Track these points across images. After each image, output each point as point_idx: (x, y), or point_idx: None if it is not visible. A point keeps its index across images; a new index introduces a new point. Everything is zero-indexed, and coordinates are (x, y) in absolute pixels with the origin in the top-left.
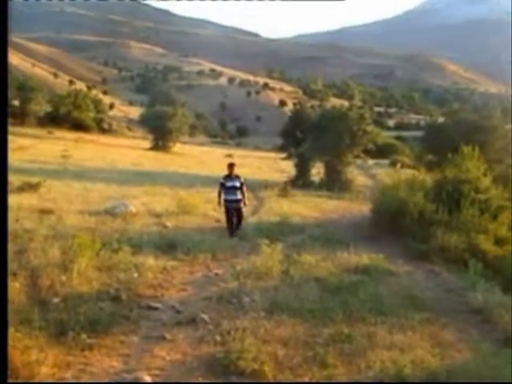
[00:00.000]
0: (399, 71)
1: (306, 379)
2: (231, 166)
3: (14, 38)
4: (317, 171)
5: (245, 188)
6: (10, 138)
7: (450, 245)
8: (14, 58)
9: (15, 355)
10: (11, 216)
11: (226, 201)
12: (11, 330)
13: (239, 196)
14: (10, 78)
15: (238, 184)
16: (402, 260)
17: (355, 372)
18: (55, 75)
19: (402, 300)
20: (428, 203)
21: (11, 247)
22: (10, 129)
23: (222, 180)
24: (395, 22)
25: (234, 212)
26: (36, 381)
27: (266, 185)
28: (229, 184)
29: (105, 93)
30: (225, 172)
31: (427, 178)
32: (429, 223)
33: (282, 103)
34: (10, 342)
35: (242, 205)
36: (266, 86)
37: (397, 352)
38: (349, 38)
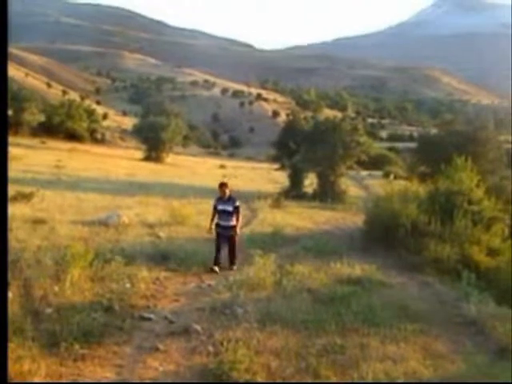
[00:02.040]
0: (392, 82)
1: None
2: (222, 186)
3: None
4: (310, 182)
5: (240, 214)
6: None
7: (443, 256)
8: (8, 68)
9: (8, 365)
10: None
11: (217, 225)
12: None
13: (232, 222)
14: None
15: (230, 208)
16: (395, 271)
17: (348, 383)
18: (49, 85)
19: (394, 311)
20: (421, 214)
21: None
22: None
23: (215, 202)
24: (388, 33)
25: (225, 240)
26: (36, 381)
27: (259, 195)
28: (220, 207)
29: (98, 103)
30: (219, 182)
31: (420, 190)
32: (422, 234)
33: (275, 114)
34: None
35: (233, 233)
36: (259, 96)
37: (390, 363)
38: (342, 49)
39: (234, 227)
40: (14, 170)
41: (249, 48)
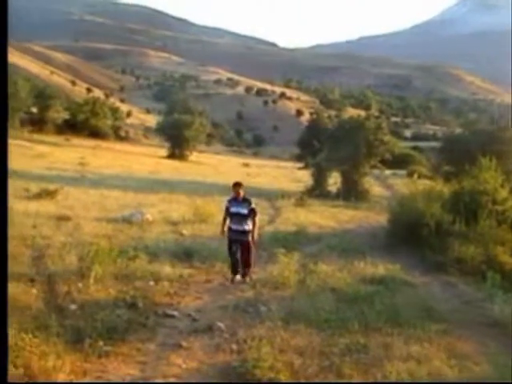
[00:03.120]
0: (417, 81)
1: None
2: (236, 186)
3: (33, 46)
4: (333, 181)
5: (258, 216)
6: (29, 145)
7: (467, 256)
8: (33, 66)
9: (33, 360)
10: (29, 222)
11: (229, 230)
12: (29, 336)
13: (247, 226)
14: (30, 86)
15: (245, 211)
16: (419, 271)
17: (371, 383)
18: (73, 83)
19: (418, 311)
20: (445, 214)
21: (29, 253)
22: (29, 136)
23: (227, 203)
24: (413, 32)
25: (238, 246)
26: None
27: (283, 194)
28: (233, 209)
29: (122, 101)
30: (242, 181)
31: (444, 189)
32: (446, 234)
33: (299, 113)
34: (28, 347)
35: (249, 238)
36: (283, 95)
37: (413, 363)
38: (366, 48)
39: (248, 232)
40: (38, 167)
41: (273, 46)
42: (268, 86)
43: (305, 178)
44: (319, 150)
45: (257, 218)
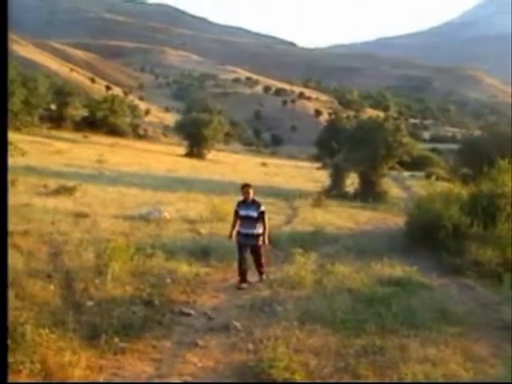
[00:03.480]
0: (436, 83)
1: None
2: (246, 187)
3: (53, 43)
4: (351, 182)
5: (267, 219)
6: (48, 141)
7: (484, 259)
8: (53, 63)
9: (49, 356)
10: (47, 219)
11: (238, 234)
12: (46, 332)
13: (257, 229)
14: (49, 83)
15: (254, 214)
16: (436, 273)
17: (386, 383)
18: (92, 80)
19: (435, 313)
20: (463, 216)
21: (47, 250)
22: (48, 132)
23: (236, 207)
24: (432, 33)
25: (248, 251)
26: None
27: (301, 194)
28: (242, 212)
29: (141, 99)
30: (260, 180)
31: (462, 192)
32: (463, 237)
33: (318, 113)
34: (45, 343)
35: (260, 242)
36: (301, 95)
37: (429, 366)
38: (385, 48)
39: (258, 236)
40: (56, 163)
41: (292, 46)
42: (287, 86)
43: (322, 178)
44: (337, 151)
45: (267, 222)
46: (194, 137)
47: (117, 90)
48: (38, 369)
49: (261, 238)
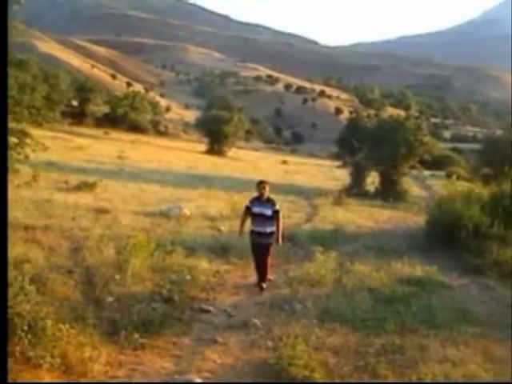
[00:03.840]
0: (457, 82)
1: None
2: (262, 183)
3: (75, 39)
4: (372, 180)
5: (281, 219)
6: (69, 137)
7: (505, 259)
8: (75, 60)
9: (69, 351)
10: (68, 214)
11: (251, 233)
12: (66, 327)
13: (270, 228)
14: (71, 79)
15: (269, 212)
16: (456, 273)
17: (405, 382)
18: (114, 77)
19: (455, 313)
20: (484, 216)
21: (67, 245)
22: (69, 128)
23: (248, 203)
24: (454, 32)
25: (262, 249)
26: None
27: (321, 192)
28: (256, 210)
29: (162, 95)
30: (280, 178)
31: (483, 192)
32: (484, 237)
33: (338, 111)
34: (65, 338)
35: (272, 241)
36: (322, 93)
37: (449, 366)
38: (406, 47)
39: (271, 235)
40: (77, 159)
41: (313, 44)
42: (307, 84)
43: (343, 176)
44: (358, 149)
45: (281, 221)
46: (215, 134)
47: (138, 87)
48: (58, 363)
49: (273, 237)
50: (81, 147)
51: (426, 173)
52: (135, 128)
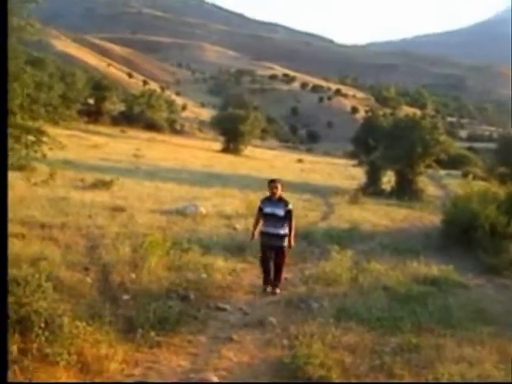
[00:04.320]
0: (472, 81)
1: None
2: (274, 182)
3: (91, 38)
4: (387, 179)
5: (294, 219)
6: (85, 135)
7: None
8: (91, 58)
9: (86, 348)
10: (84, 212)
11: (262, 234)
12: (83, 324)
13: (283, 230)
14: (87, 78)
15: (281, 212)
16: (472, 273)
17: (422, 382)
18: (130, 75)
19: (471, 313)
20: (500, 216)
21: (84, 243)
22: (85, 127)
23: (260, 203)
24: (470, 31)
25: (272, 253)
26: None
27: (337, 191)
28: (267, 210)
29: (178, 94)
30: (296, 177)
31: (500, 191)
32: (500, 236)
33: (354, 110)
34: (81, 335)
35: (285, 243)
36: (338, 92)
37: (465, 365)
38: (422, 46)
39: (284, 237)
40: (94, 157)
41: (329, 43)
42: (323, 83)
43: (359, 175)
44: (374, 148)
45: (293, 222)
46: (231, 132)
47: (154, 85)
48: (75, 360)
49: (286, 239)
50: (97, 145)
51: (442, 172)
52: (151, 126)
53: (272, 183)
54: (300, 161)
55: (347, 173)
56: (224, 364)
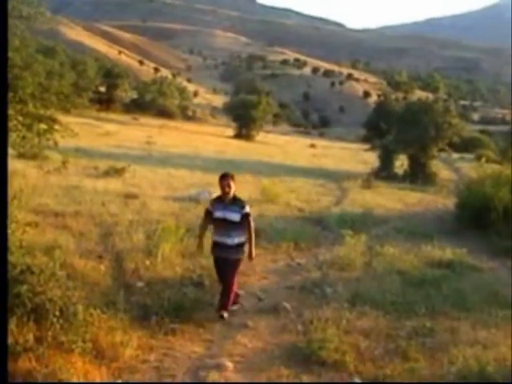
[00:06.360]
0: (485, 64)
1: (388, 371)
2: (224, 179)
3: (102, 26)
4: (400, 163)
5: (252, 225)
6: (97, 123)
7: None
8: (102, 46)
9: (100, 335)
10: (97, 200)
11: (214, 245)
12: (97, 312)
13: (238, 238)
14: (98, 66)
15: (235, 217)
16: (486, 255)
17: (437, 367)
18: (141, 62)
19: (485, 296)
20: None
21: (97, 231)
22: (97, 114)
23: (209, 205)
24: (483, 14)
25: (229, 267)
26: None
27: (349, 176)
28: (218, 214)
29: (189, 80)
30: (309, 162)
31: None
32: None
33: (366, 94)
34: (96, 322)
35: (243, 255)
36: (350, 76)
37: (480, 348)
38: (434, 29)
39: (240, 247)
40: (106, 145)
41: (340, 27)
42: (335, 67)
43: (371, 159)
44: (386, 132)
45: (253, 228)
46: (243, 118)
47: (165, 72)
48: (90, 348)
49: (244, 250)
50: (109, 133)
51: (455, 155)
52: (163, 113)
53: (223, 179)
54: (312, 146)
55: (360, 157)
56: (239, 350)
